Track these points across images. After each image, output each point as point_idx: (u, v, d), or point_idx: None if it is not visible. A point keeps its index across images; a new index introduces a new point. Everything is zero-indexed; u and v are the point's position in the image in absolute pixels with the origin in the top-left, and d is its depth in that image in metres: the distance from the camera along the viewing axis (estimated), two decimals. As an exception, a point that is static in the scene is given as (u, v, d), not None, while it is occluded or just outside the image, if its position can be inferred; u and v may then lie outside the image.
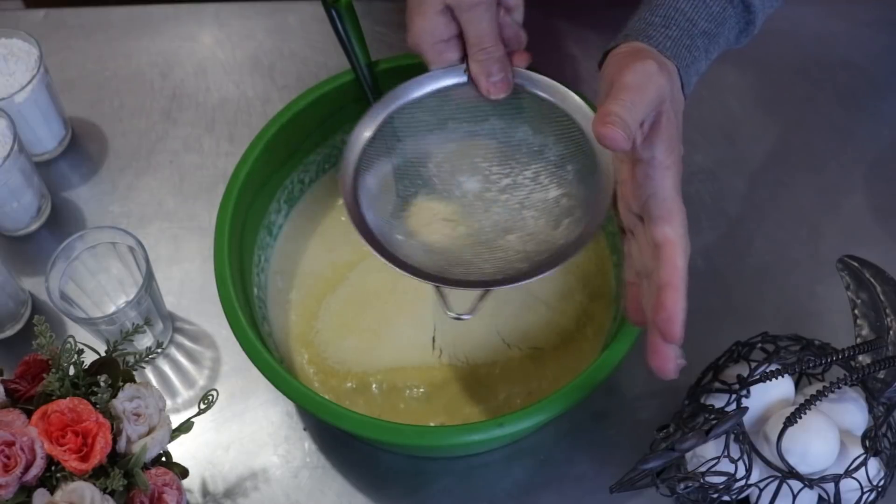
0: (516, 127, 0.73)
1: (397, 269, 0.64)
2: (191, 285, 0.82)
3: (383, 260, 0.65)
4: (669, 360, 0.56)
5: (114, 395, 0.63)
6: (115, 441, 0.62)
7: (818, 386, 0.65)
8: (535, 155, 0.72)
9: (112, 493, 0.61)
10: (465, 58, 0.71)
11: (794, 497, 0.62)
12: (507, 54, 0.70)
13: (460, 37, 0.70)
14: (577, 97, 0.70)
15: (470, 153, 0.74)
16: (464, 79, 0.71)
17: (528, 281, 0.63)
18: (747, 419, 0.64)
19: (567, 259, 0.64)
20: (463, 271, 0.67)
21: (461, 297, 0.66)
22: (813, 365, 0.63)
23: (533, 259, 0.67)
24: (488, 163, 0.73)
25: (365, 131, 0.70)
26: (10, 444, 0.59)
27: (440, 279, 0.65)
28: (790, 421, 0.61)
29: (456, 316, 0.65)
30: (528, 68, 0.71)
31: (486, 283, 0.65)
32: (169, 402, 0.77)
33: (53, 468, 0.61)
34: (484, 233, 0.71)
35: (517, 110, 0.72)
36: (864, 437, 0.63)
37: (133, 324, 0.69)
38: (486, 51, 0.69)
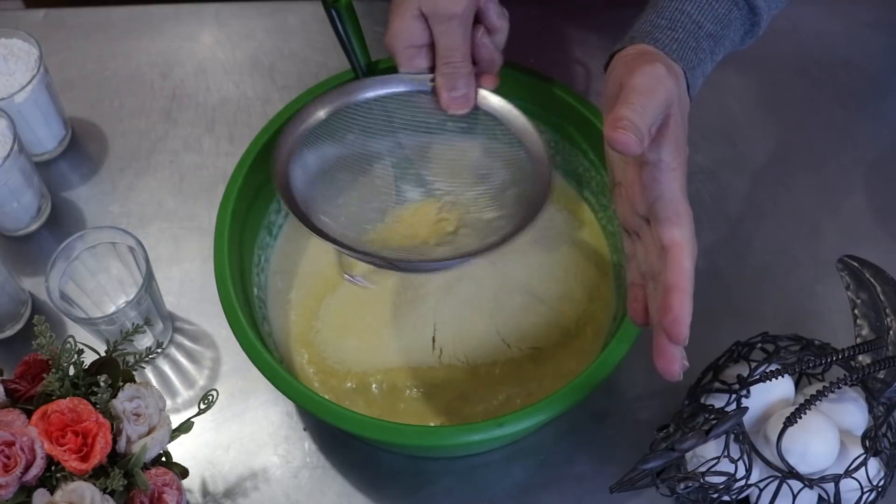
0: (469, 145, 0.73)
1: (318, 237, 0.64)
2: (191, 285, 0.82)
3: (296, 217, 0.65)
4: (675, 362, 0.56)
5: (114, 395, 0.63)
6: (115, 441, 0.62)
7: (818, 386, 0.65)
8: (482, 177, 0.73)
9: (112, 493, 0.61)
10: (433, 68, 0.71)
11: (794, 497, 0.62)
12: (475, 73, 0.70)
13: (433, 46, 0.70)
14: (528, 123, 0.70)
15: (419, 164, 0.74)
16: (428, 87, 0.71)
17: (431, 268, 0.65)
18: (747, 419, 0.64)
19: (477, 255, 0.64)
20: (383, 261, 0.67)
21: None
22: (813, 365, 0.63)
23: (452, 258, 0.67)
24: (434, 177, 0.74)
25: (319, 110, 0.70)
26: (10, 444, 0.59)
27: (358, 252, 0.64)
28: (790, 421, 0.61)
29: (350, 278, 0.64)
30: (496, 90, 0.71)
31: (389, 260, 0.65)
32: (169, 402, 0.77)
33: (53, 468, 0.61)
34: (412, 242, 0.71)
35: (472, 128, 0.73)
36: (864, 437, 0.63)
37: (133, 324, 0.69)
38: (452, 65, 0.69)
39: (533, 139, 0.70)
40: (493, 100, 0.71)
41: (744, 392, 0.64)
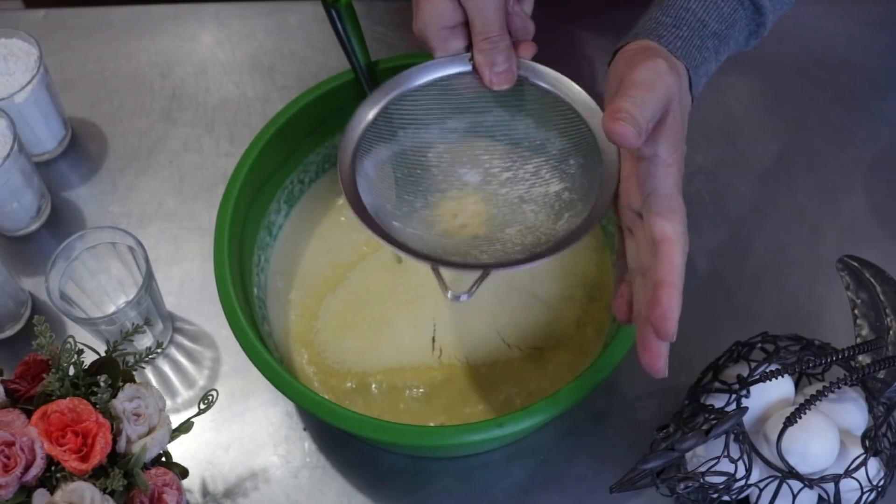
0: (519, 119, 0.72)
1: (397, 250, 0.63)
2: (191, 285, 0.82)
3: (381, 240, 0.64)
4: (661, 358, 0.56)
5: (114, 395, 0.63)
6: (115, 441, 0.62)
7: (818, 386, 0.65)
8: (538, 149, 0.71)
9: (112, 493, 0.61)
10: (470, 46, 0.69)
11: (794, 497, 0.62)
12: (512, 44, 0.69)
13: (466, 25, 0.69)
14: (581, 90, 0.69)
15: (471, 145, 0.73)
16: (468, 68, 0.70)
17: (525, 266, 0.62)
18: (747, 419, 0.64)
19: (564, 248, 0.63)
20: (459, 260, 0.66)
21: (458, 284, 0.65)
22: (813, 365, 0.63)
23: (531, 251, 0.66)
24: (489, 155, 0.72)
25: (366, 115, 0.69)
26: (10, 444, 0.59)
27: (438, 260, 0.63)
28: (790, 421, 0.61)
29: (454, 296, 0.63)
30: (534, 60, 0.70)
31: (483, 266, 0.64)
32: (169, 402, 0.77)
33: (53, 468, 0.61)
34: (482, 227, 0.70)
35: (521, 102, 0.71)
36: (864, 437, 0.63)
37: (133, 324, 0.69)
38: (490, 40, 0.68)
39: (585, 102, 0.68)
40: (536, 68, 0.70)
41: (744, 392, 0.64)
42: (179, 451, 0.71)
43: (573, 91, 0.69)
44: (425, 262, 0.63)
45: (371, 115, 0.69)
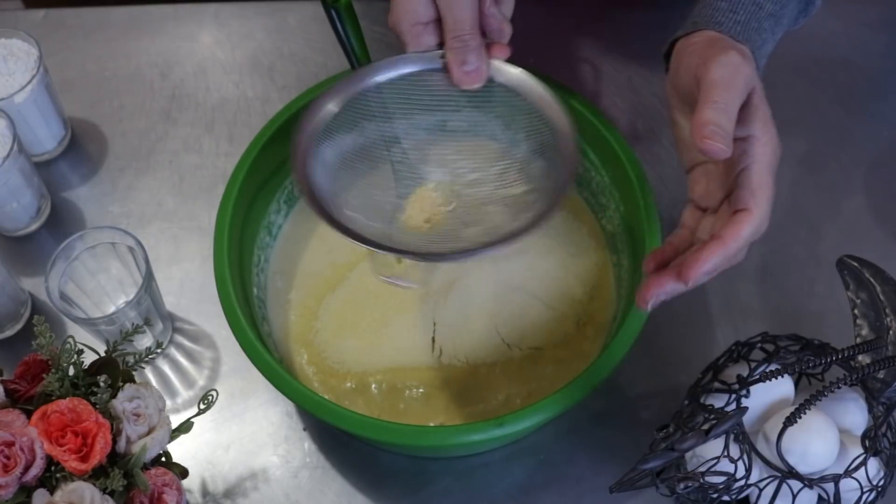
0: (487, 119, 0.72)
1: (344, 236, 0.63)
2: (191, 285, 0.82)
3: (327, 223, 0.63)
4: (655, 295, 0.58)
5: (113, 396, 0.63)
6: (114, 441, 0.62)
7: (818, 386, 0.65)
8: (504, 150, 0.72)
9: (112, 494, 0.61)
10: (442, 44, 0.69)
11: (794, 497, 0.62)
12: (485, 45, 0.69)
13: (440, 22, 0.69)
14: (545, 90, 0.69)
15: (438, 142, 0.73)
16: (438, 65, 0.70)
17: (478, 254, 0.62)
18: (747, 419, 0.64)
19: (517, 238, 0.63)
20: (418, 255, 0.66)
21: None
22: (813, 365, 0.63)
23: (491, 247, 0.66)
24: (455, 154, 0.72)
25: (329, 103, 0.69)
26: (10, 444, 0.59)
27: (390, 248, 0.63)
28: (790, 421, 0.61)
29: (387, 279, 0.63)
30: (509, 60, 0.70)
31: (438, 256, 0.65)
32: (169, 402, 0.77)
33: (53, 468, 0.61)
34: (443, 224, 0.70)
35: (489, 102, 0.71)
36: (864, 436, 0.63)
37: (133, 324, 0.69)
38: (460, 38, 0.68)
39: (552, 106, 0.69)
40: (507, 70, 0.70)
41: (744, 392, 0.64)
42: (179, 451, 0.71)
43: (537, 91, 0.69)
44: (375, 250, 0.63)
45: (335, 105, 0.69)
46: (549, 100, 0.69)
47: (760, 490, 0.63)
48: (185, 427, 0.67)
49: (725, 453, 0.62)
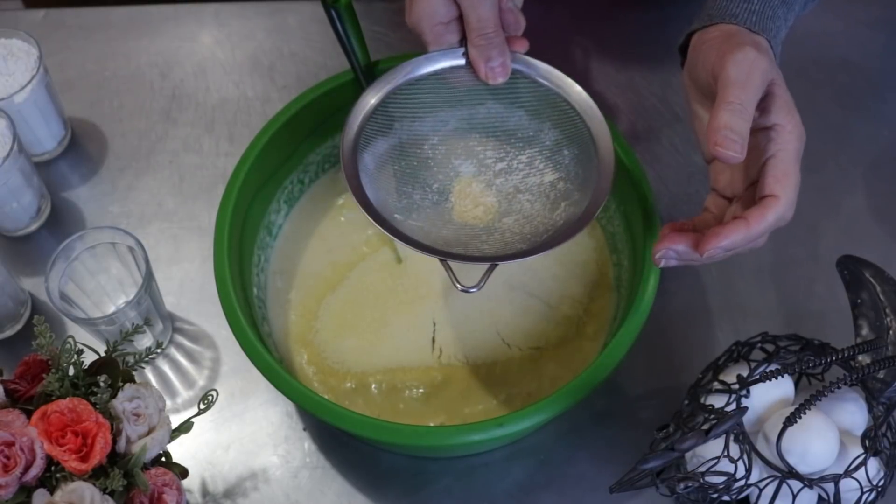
0: (513, 111, 0.73)
1: (406, 246, 0.65)
2: (191, 285, 0.82)
3: (390, 236, 0.65)
4: (670, 244, 0.59)
5: (113, 396, 0.63)
6: (114, 441, 0.62)
7: (818, 386, 0.65)
8: (531, 140, 0.73)
9: (112, 494, 0.61)
10: (464, 41, 0.70)
11: (794, 497, 0.62)
12: (505, 39, 0.70)
13: (460, 19, 0.70)
14: (573, 83, 0.71)
15: (466, 137, 0.74)
16: (462, 62, 0.71)
17: (530, 257, 0.65)
18: (747, 419, 0.64)
19: (567, 239, 0.65)
20: (462, 251, 0.67)
21: (462, 277, 0.66)
22: (813, 365, 0.63)
23: (531, 241, 0.67)
24: (483, 147, 0.73)
25: (361, 111, 0.70)
26: (10, 445, 0.59)
27: (446, 254, 0.65)
28: (790, 421, 0.61)
29: (463, 289, 0.64)
30: (526, 54, 0.71)
31: (490, 259, 0.65)
32: (169, 402, 0.77)
33: (53, 468, 0.61)
34: (482, 215, 0.71)
35: (514, 95, 0.72)
36: (864, 436, 0.63)
37: (133, 324, 0.69)
38: (485, 36, 0.69)
39: (579, 95, 0.70)
40: (529, 61, 0.71)
41: (744, 392, 0.64)
42: (179, 451, 0.71)
43: (566, 83, 0.71)
44: (434, 256, 0.65)
45: (369, 109, 0.70)
46: (577, 90, 0.71)
47: (760, 490, 0.63)
48: (185, 427, 0.67)
49: (725, 453, 0.62)
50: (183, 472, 0.67)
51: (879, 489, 0.63)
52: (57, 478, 0.61)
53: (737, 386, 0.65)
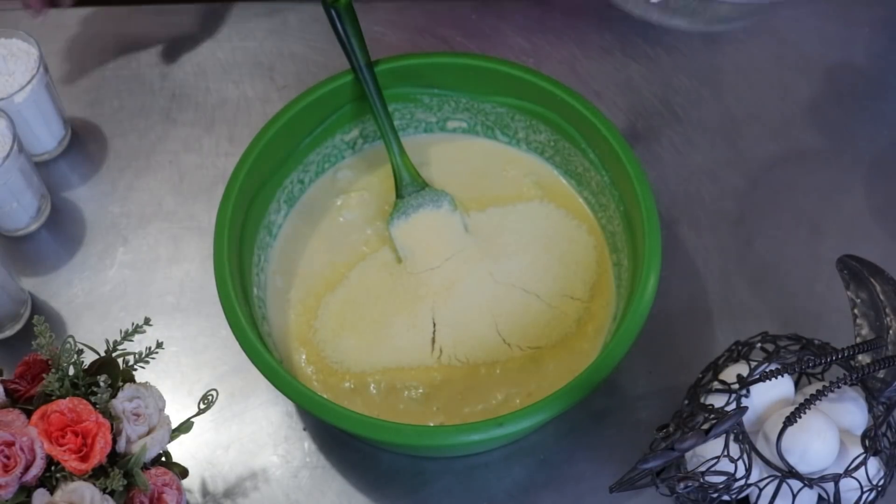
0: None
1: None
2: (191, 285, 0.82)
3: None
4: None
5: (113, 395, 0.63)
6: (114, 441, 0.62)
7: (818, 386, 0.65)
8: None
9: (112, 493, 0.61)
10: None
11: (794, 496, 0.62)
12: None
13: None
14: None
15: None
16: None
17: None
18: (747, 419, 0.64)
19: None
20: None
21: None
22: (813, 365, 0.63)
23: None
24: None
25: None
26: (10, 444, 0.59)
27: None
28: (790, 421, 0.61)
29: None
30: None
31: None
32: (169, 402, 0.77)
33: (53, 468, 0.61)
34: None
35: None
36: (864, 436, 0.63)
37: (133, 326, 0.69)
38: None
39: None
40: None
41: (743, 392, 0.64)
42: (179, 451, 0.71)
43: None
44: None
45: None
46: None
47: (760, 490, 0.63)
48: (185, 427, 0.67)
49: (725, 453, 0.62)
50: (183, 472, 0.67)
51: (879, 489, 0.63)
52: (57, 478, 0.61)
53: (737, 386, 0.65)
